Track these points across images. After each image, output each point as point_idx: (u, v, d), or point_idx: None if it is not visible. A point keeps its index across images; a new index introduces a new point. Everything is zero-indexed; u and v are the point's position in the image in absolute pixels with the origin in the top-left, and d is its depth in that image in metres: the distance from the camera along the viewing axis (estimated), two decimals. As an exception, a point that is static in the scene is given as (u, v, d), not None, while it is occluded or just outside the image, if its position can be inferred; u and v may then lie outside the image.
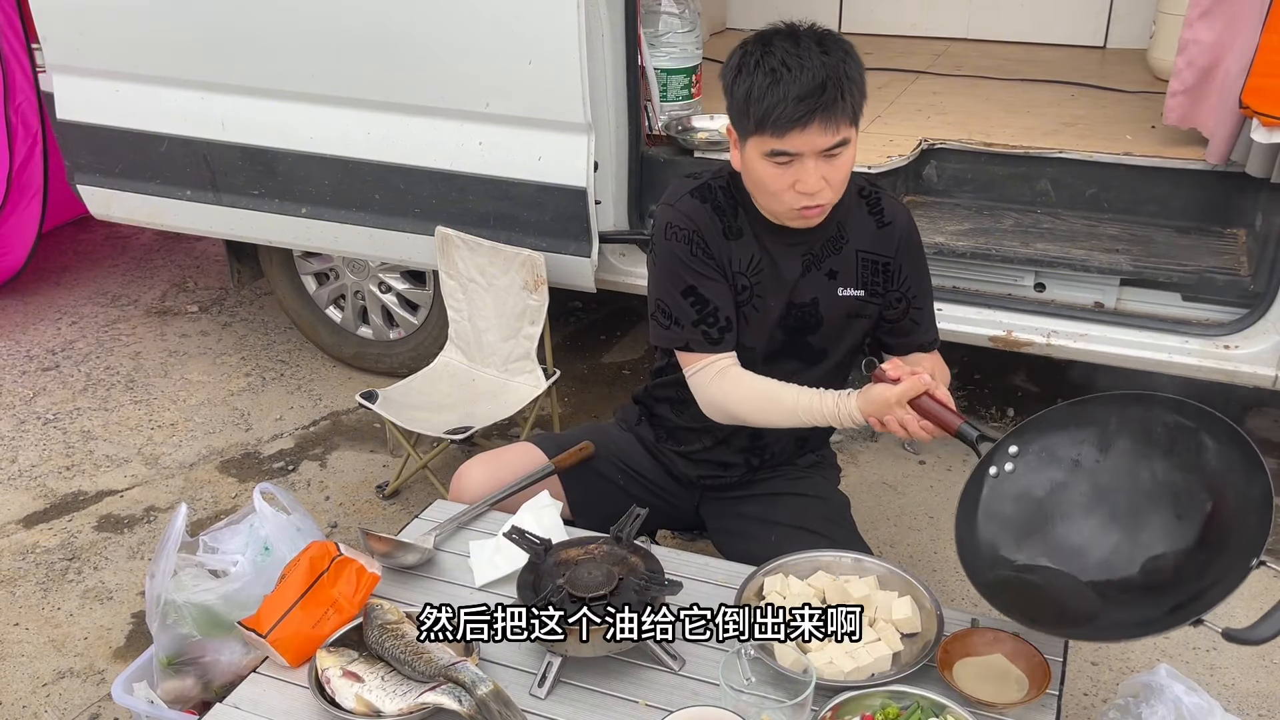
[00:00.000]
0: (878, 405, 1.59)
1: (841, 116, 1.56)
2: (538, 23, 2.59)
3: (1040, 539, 1.49)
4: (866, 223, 1.79)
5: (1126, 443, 1.46)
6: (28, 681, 2.37)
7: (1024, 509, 1.51)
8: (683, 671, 1.47)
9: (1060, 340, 2.62)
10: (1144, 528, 1.43)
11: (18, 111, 3.99)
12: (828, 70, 1.54)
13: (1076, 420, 1.50)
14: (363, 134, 2.96)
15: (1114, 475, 1.47)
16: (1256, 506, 1.32)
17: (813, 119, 1.54)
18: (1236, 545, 1.32)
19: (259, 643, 1.49)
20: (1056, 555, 1.48)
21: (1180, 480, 1.41)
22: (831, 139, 1.57)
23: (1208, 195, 2.80)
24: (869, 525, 2.78)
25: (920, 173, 3.06)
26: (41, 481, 3.12)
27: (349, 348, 3.62)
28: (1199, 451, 1.40)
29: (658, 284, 1.80)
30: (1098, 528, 1.46)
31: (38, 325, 4.10)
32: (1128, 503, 1.45)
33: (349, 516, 2.92)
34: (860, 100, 1.61)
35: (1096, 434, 1.48)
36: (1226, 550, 1.34)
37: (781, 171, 1.61)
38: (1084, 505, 1.48)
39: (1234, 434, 1.37)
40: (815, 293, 1.79)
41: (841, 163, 1.61)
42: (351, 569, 1.57)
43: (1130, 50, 4.16)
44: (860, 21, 4.57)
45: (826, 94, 1.54)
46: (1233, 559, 1.31)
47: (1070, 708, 2.19)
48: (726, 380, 1.76)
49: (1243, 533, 1.32)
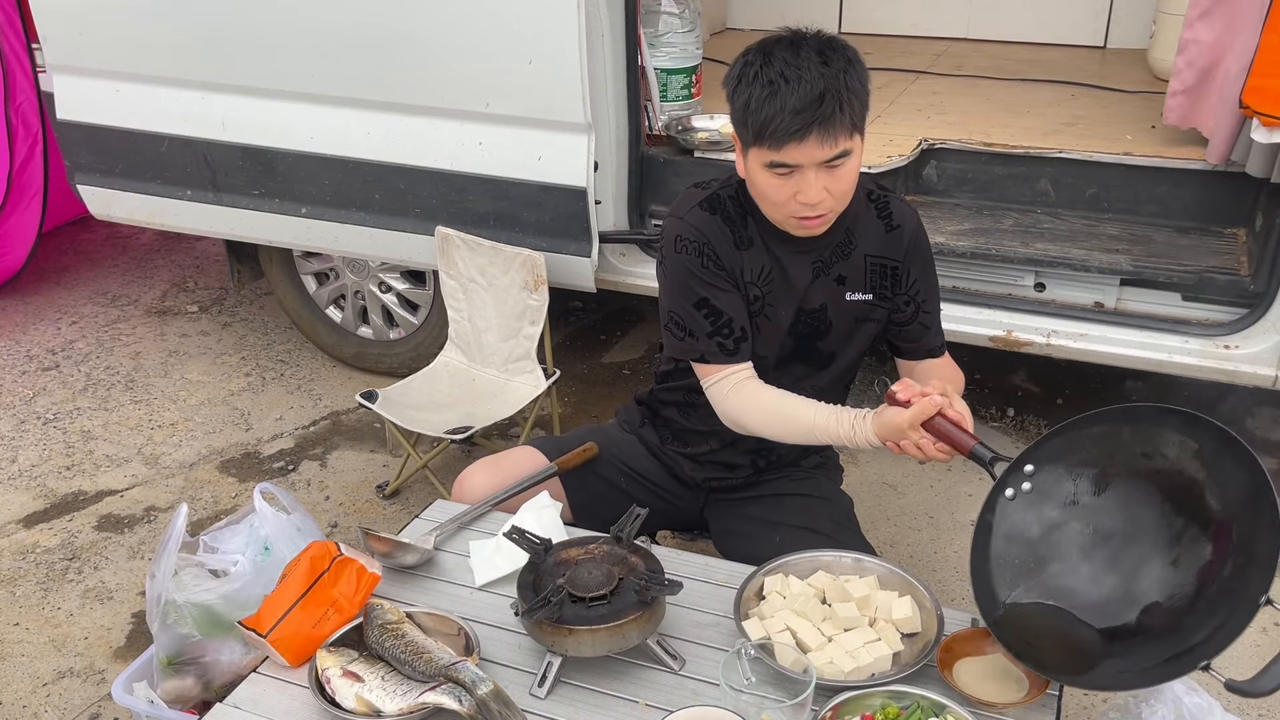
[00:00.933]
0: (891, 430, 1.58)
1: (840, 129, 1.55)
2: (538, 23, 2.59)
3: (1036, 580, 1.45)
4: (875, 226, 1.79)
5: (1126, 476, 1.41)
6: (28, 681, 2.37)
7: (1020, 549, 1.46)
8: (683, 671, 1.47)
9: (1060, 340, 2.62)
10: (1141, 573, 1.38)
11: (18, 111, 3.99)
12: (826, 82, 1.53)
13: (1075, 449, 1.44)
14: (363, 134, 2.96)
15: (1113, 515, 1.42)
16: (1266, 537, 1.27)
17: (809, 132, 1.53)
18: (1241, 585, 1.28)
19: (259, 643, 1.49)
20: (1052, 598, 1.44)
21: (1182, 521, 1.36)
22: (830, 151, 1.56)
23: (1208, 195, 2.80)
24: (869, 525, 2.78)
25: (920, 173, 3.06)
26: (41, 481, 3.12)
27: (349, 348, 3.62)
28: (1204, 479, 1.34)
29: (670, 297, 1.79)
30: (1095, 570, 1.42)
31: (38, 325, 4.10)
32: (1125, 545, 1.41)
33: (349, 516, 2.92)
34: (861, 110, 1.59)
35: (1095, 466, 1.43)
36: (1231, 593, 1.29)
37: (782, 182, 1.60)
38: (1081, 547, 1.43)
39: (1246, 457, 1.30)
40: (824, 298, 1.79)
41: (844, 173, 1.60)
42: (352, 569, 1.57)
43: (1130, 50, 4.16)
44: (860, 22, 4.57)
45: (824, 106, 1.52)
46: (1237, 601, 1.27)
47: (1070, 708, 2.19)
48: (744, 393, 1.75)
49: (1248, 571, 1.28)
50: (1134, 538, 1.40)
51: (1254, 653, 2.30)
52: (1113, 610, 1.39)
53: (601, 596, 1.45)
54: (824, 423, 1.68)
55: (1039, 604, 1.43)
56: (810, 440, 1.72)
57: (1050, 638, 1.41)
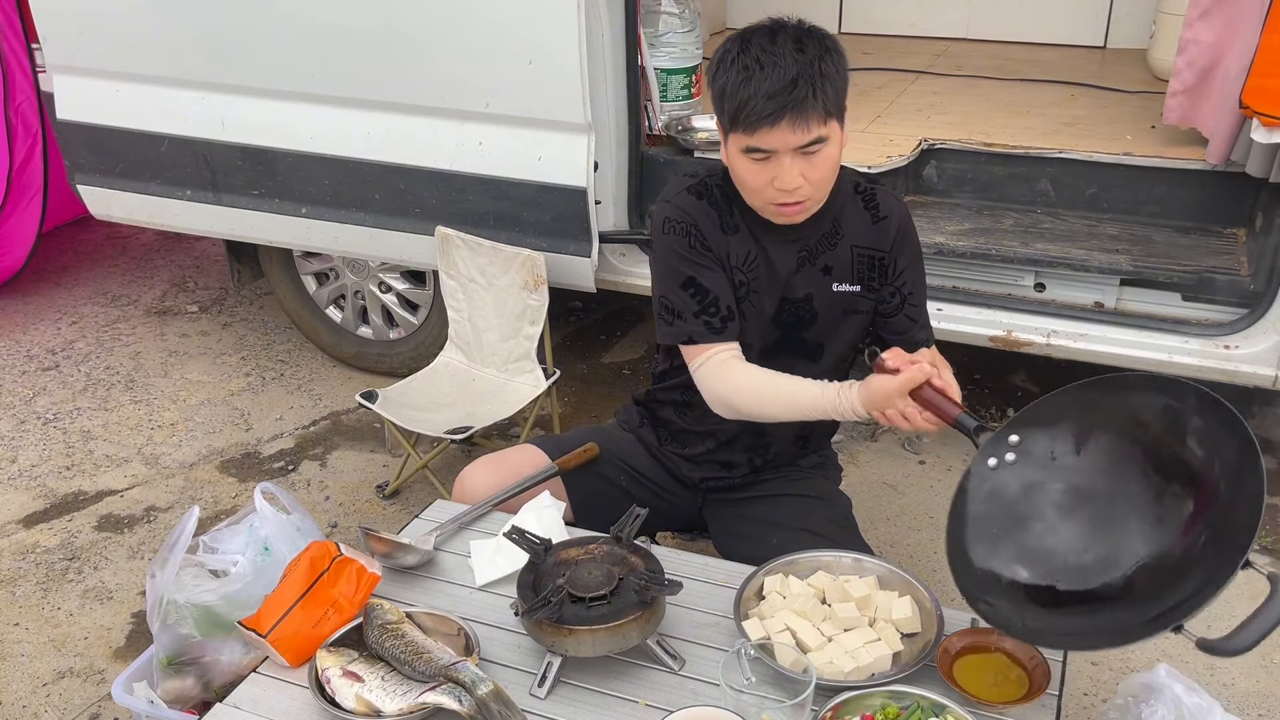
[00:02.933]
0: (878, 397, 1.57)
1: (814, 114, 1.56)
2: (538, 23, 2.59)
3: (1015, 543, 1.44)
4: (862, 218, 1.79)
5: (1108, 437, 1.41)
6: (28, 681, 2.37)
7: (1000, 511, 1.47)
8: (683, 671, 1.47)
9: (1060, 340, 2.62)
10: (1122, 533, 1.37)
11: (18, 111, 3.99)
12: (800, 68, 1.54)
13: (1059, 414, 1.44)
14: (363, 134, 2.96)
15: (1093, 475, 1.42)
16: (1248, 501, 1.24)
17: (782, 116, 1.55)
18: (1222, 547, 1.25)
19: (259, 642, 1.49)
20: (1032, 560, 1.43)
21: (1163, 479, 1.35)
22: (804, 136, 1.57)
23: (1208, 195, 2.80)
24: (869, 525, 2.78)
25: (920, 173, 3.06)
26: (41, 481, 3.12)
27: (349, 348, 3.62)
28: (1187, 442, 1.33)
29: (659, 281, 1.80)
30: (1076, 532, 1.41)
31: (38, 325, 4.10)
32: (1106, 505, 1.40)
33: (349, 516, 2.92)
34: (837, 96, 1.60)
35: (1075, 427, 1.43)
36: (1210, 555, 1.27)
37: (760, 168, 1.62)
38: (1061, 508, 1.43)
39: (1232, 421, 1.29)
40: (809, 288, 1.79)
41: (821, 160, 1.61)
42: (352, 569, 1.57)
43: (1130, 50, 4.16)
44: (860, 21, 4.57)
45: (797, 91, 1.54)
46: (1218, 562, 1.24)
47: (1070, 708, 2.19)
48: (730, 372, 1.76)
49: (1230, 532, 1.25)
50: (1115, 497, 1.39)
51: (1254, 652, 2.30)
52: (1093, 572, 1.38)
53: (601, 596, 1.45)
54: (809, 393, 1.67)
55: (1017, 573, 1.43)
56: (797, 414, 1.71)
57: (1027, 610, 1.39)
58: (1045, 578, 1.42)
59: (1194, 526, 1.30)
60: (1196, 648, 1.22)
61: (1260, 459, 1.25)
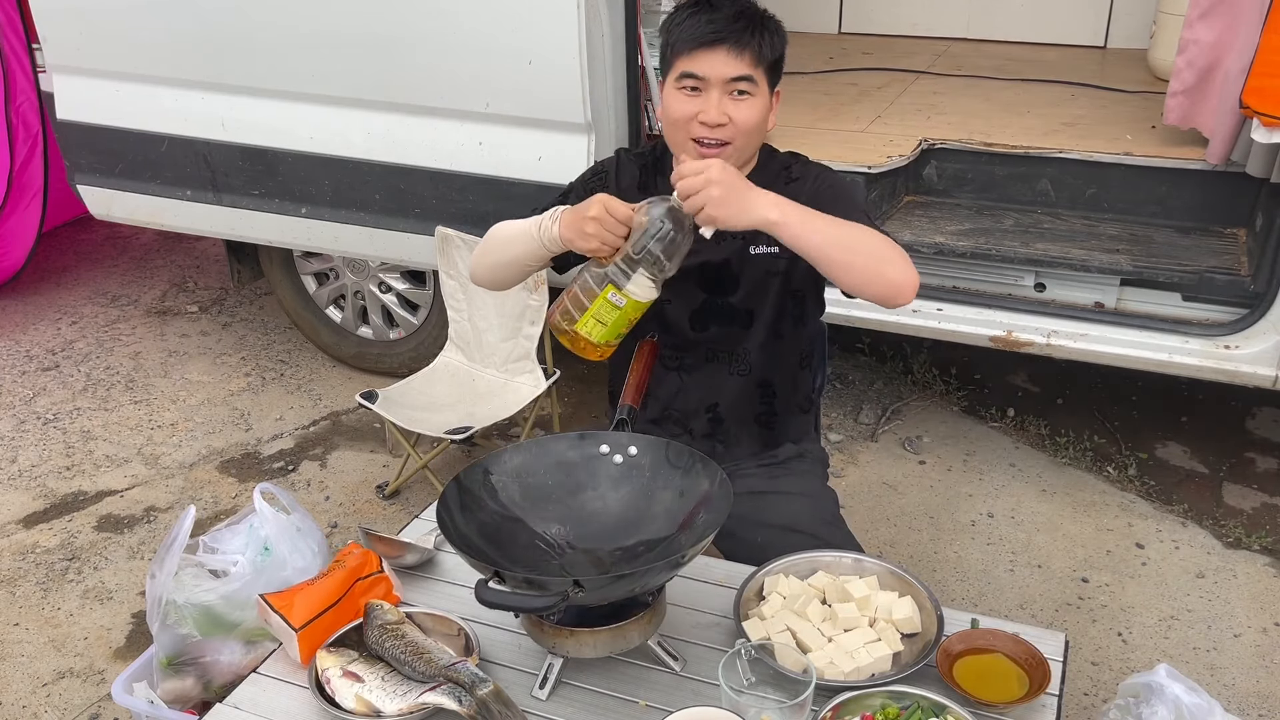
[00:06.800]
0: (575, 215, 1.57)
1: (749, 51, 1.63)
2: (538, 23, 2.59)
3: (565, 509, 1.57)
4: (776, 183, 1.77)
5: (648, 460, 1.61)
6: (28, 681, 2.38)
7: (561, 476, 1.59)
8: (683, 671, 1.47)
9: (1060, 340, 2.62)
10: (653, 502, 1.56)
11: (18, 112, 3.99)
12: (748, 16, 1.65)
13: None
14: (363, 134, 2.96)
15: (644, 452, 1.60)
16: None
17: (722, 42, 1.62)
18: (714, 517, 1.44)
19: (285, 631, 1.48)
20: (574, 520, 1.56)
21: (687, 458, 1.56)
22: (736, 69, 1.63)
23: (1208, 195, 2.80)
24: (869, 525, 2.79)
25: (920, 173, 3.06)
26: (41, 481, 3.12)
27: (349, 348, 3.62)
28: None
29: None
30: (618, 498, 1.58)
31: (38, 325, 4.10)
32: (651, 477, 1.58)
33: (349, 516, 2.92)
34: (772, 52, 1.66)
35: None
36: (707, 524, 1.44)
37: (688, 99, 1.66)
38: (613, 478, 1.59)
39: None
40: (727, 253, 1.80)
41: (748, 106, 1.66)
42: (383, 587, 1.58)
43: (1130, 50, 4.16)
44: (860, 22, 4.57)
45: (739, 24, 1.63)
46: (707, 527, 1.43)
47: (1070, 708, 2.19)
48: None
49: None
50: (655, 471, 1.58)
51: (1254, 652, 2.30)
52: (622, 533, 1.54)
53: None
54: (521, 225, 1.72)
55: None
56: (522, 255, 1.74)
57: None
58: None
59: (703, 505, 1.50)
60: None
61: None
